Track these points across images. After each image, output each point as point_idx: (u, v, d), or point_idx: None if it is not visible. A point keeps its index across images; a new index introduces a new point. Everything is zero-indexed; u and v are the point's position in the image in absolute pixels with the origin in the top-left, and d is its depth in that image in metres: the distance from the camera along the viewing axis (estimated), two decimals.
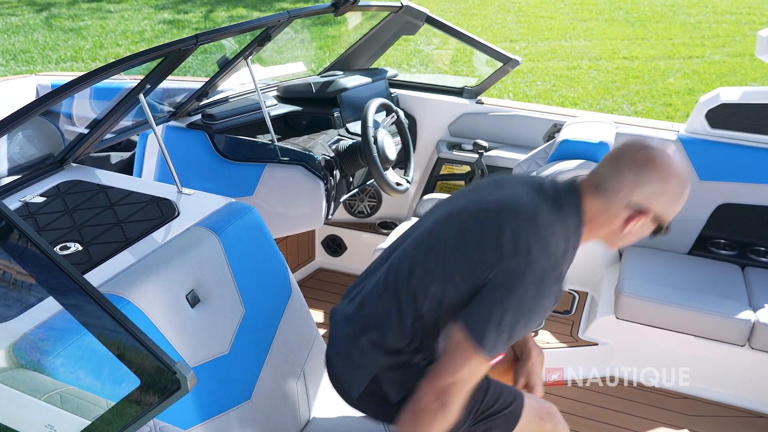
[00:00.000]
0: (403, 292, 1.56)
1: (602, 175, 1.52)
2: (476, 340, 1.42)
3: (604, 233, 1.58)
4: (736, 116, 2.85)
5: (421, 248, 1.58)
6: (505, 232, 1.46)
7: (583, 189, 1.55)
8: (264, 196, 2.58)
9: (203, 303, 1.70)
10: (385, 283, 1.60)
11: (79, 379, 1.22)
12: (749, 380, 2.61)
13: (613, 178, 1.50)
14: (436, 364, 1.47)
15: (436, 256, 1.54)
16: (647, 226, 1.55)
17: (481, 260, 1.47)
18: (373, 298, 1.62)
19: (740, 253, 2.97)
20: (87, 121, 2.88)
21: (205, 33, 1.96)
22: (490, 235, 1.48)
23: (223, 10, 12.12)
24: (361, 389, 1.62)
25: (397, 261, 1.61)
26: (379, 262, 1.70)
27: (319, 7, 2.55)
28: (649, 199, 1.49)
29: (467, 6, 12.77)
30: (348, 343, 1.62)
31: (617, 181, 1.49)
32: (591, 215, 1.54)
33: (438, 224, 1.59)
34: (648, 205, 1.50)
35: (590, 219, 1.55)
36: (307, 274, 3.49)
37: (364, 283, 1.69)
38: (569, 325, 2.96)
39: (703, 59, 9.14)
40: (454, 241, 1.53)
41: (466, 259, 1.49)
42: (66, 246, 1.69)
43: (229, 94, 2.98)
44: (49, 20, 11.24)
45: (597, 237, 1.59)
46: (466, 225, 1.54)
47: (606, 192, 1.51)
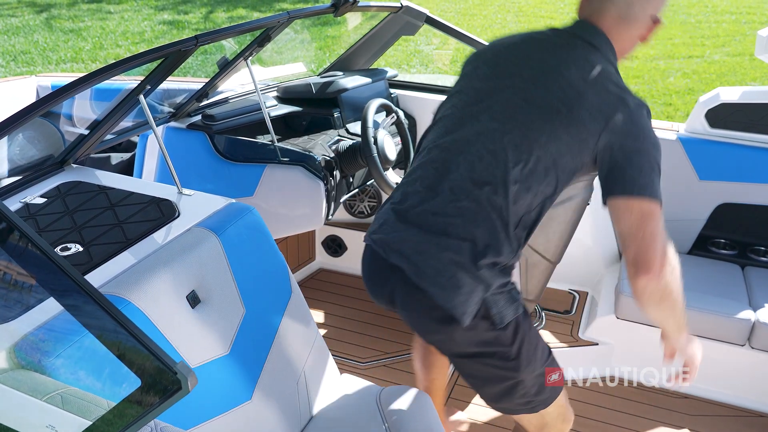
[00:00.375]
0: (501, 193, 1.57)
1: (626, 5, 1.61)
2: (651, 197, 1.47)
3: (626, 52, 1.71)
4: (735, 116, 2.85)
5: (516, 126, 1.59)
6: (607, 88, 1.56)
7: (606, 26, 1.64)
8: (264, 196, 2.58)
9: (204, 303, 1.70)
10: (476, 196, 1.58)
11: (80, 379, 1.22)
12: (750, 380, 2.61)
13: (640, 4, 1.61)
14: (634, 249, 1.48)
15: (541, 124, 1.57)
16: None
17: (592, 119, 1.54)
18: (467, 216, 1.58)
19: (740, 253, 2.97)
20: (87, 122, 2.88)
21: (204, 34, 1.96)
22: (591, 94, 1.55)
23: (223, 10, 12.13)
24: (472, 316, 1.59)
25: (480, 154, 1.60)
26: (438, 166, 1.66)
27: (318, 8, 2.55)
28: (660, 5, 1.64)
29: (467, 6, 12.77)
30: (453, 271, 1.57)
31: (644, 6, 1.61)
32: (621, 45, 1.67)
33: (524, 92, 1.62)
34: (660, 10, 1.65)
35: (620, 49, 1.68)
36: (308, 275, 3.49)
37: (433, 201, 1.63)
38: (569, 325, 2.96)
39: (703, 59, 9.14)
40: (557, 105, 1.56)
41: (578, 121, 1.54)
42: (67, 247, 1.70)
43: (229, 94, 2.98)
44: (49, 21, 11.25)
45: (621, 57, 1.71)
46: (560, 87, 1.58)
47: (634, 18, 1.62)
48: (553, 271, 2.49)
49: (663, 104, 7.26)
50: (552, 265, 2.46)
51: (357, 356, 2.85)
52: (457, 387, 2.68)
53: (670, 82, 8.04)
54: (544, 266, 2.44)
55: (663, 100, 7.38)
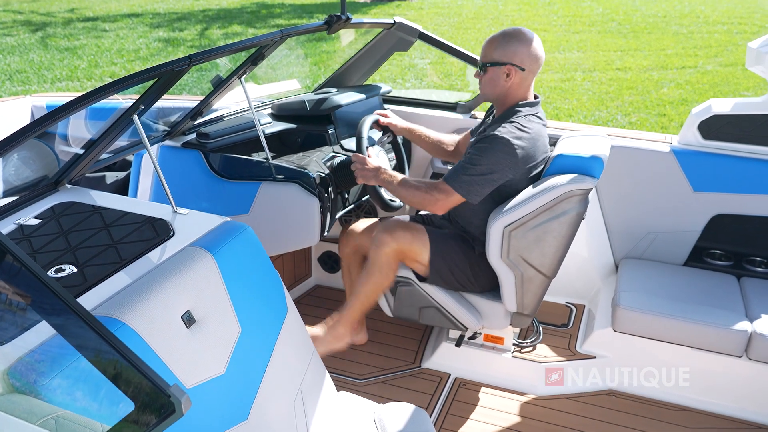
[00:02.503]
0: None
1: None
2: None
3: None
4: (728, 127, 2.87)
5: None
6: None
7: None
8: (259, 214, 2.58)
9: (199, 323, 1.70)
10: None
11: (73, 403, 1.21)
12: (747, 391, 2.60)
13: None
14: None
15: None
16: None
17: None
18: None
19: (736, 264, 2.97)
20: (81, 142, 2.88)
21: (198, 54, 1.97)
22: None
23: (218, 27, 12.19)
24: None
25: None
26: None
27: (312, 26, 2.56)
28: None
29: (461, 20, 12.86)
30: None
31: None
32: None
33: None
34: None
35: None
36: (304, 291, 3.49)
37: None
38: (567, 339, 2.96)
39: (695, 69, 9.20)
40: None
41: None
42: (61, 268, 1.69)
43: (223, 112, 2.99)
44: (44, 40, 11.29)
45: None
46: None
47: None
48: (549, 285, 2.50)
49: (657, 115, 7.29)
50: (548, 280, 2.46)
51: (355, 373, 2.84)
52: (455, 403, 2.68)
53: (664, 93, 8.09)
54: (540, 280, 2.45)
55: (657, 111, 7.41)
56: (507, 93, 2.46)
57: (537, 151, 2.42)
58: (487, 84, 2.47)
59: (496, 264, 2.44)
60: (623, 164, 3.01)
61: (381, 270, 2.54)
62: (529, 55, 2.40)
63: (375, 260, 2.53)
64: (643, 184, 3.02)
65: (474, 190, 2.37)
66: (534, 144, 2.40)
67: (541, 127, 2.47)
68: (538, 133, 2.43)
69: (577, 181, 2.27)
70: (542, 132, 2.47)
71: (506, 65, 2.41)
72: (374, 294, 2.60)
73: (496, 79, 2.44)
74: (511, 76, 2.42)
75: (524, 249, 2.38)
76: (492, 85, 2.46)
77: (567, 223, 2.34)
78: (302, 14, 13.60)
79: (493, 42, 2.43)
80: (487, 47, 2.45)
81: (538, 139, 2.42)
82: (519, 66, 2.40)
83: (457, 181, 2.37)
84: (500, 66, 2.41)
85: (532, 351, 2.88)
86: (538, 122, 2.46)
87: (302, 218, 2.55)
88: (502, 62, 2.41)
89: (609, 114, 7.35)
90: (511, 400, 2.69)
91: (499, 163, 2.33)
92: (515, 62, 2.40)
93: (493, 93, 2.48)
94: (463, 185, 2.36)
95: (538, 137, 2.42)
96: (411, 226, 2.56)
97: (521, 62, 2.40)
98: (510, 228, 2.35)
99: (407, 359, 2.93)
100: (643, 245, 3.10)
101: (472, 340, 2.85)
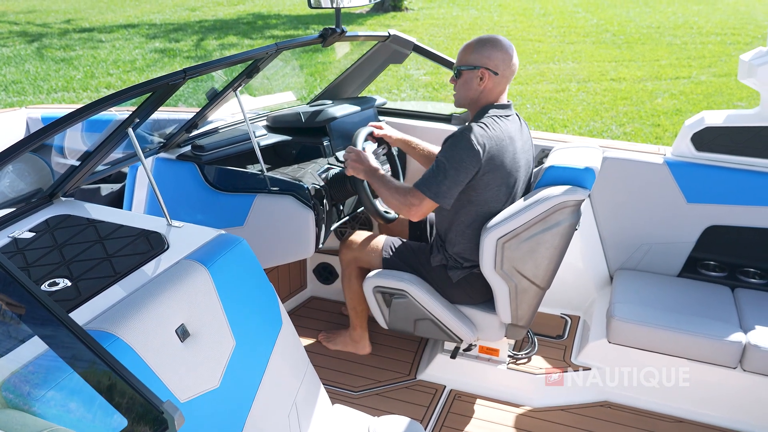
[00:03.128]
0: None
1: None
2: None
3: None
4: (721, 139, 2.88)
5: None
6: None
7: None
8: (254, 226, 2.59)
9: (193, 337, 1.70)
10: None
11: (65, 419, 1.21)
12: (742, 403, 2.61)
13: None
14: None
15: None
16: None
17: None
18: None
19: (730, 275, 2.98)
20: (76, 154, 2.88)
21: (193, 67, 1.98)
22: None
23: (214, 38, 12.22)
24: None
25: None
26: None
27: (307, 39, 2.57)
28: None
29: (456, 31, 12.91)
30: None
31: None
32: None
33: None
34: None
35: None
36: (299, 303, 3.48)
37: None
38: (562, 350, 2.96)
39: (689, 80, 9.26)
40: None
41: None
42: (55, 282, 1.69)
43: (218, 124, 3.00)
44: (40, 50, 11.31)
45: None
46: None
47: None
48: (544, 296, 2.50)
49: (651, 125, 7.33)
50: (542, 291, 2.46)
51: (350, 385, 2.83)
52: (450, 415, 2.67)
53: (658, 103, 8.13)
54: (534, 292, 2.45)
55: (651, 121, 7.45)
56: (479, 97, 2.47)
57: (504, 151, 2.38)
58: (461, 88, 2.49)
59: (489, 276, 2.45)
60: (617, 176, 3.02)
61: (343, 278, 2.87)
62: (503, 60, 2.42)
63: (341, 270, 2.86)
64: (637, 195, 3.03)
65: (442, 192, 2.36)
66: (498, 144, 2.37)
67: (513, 130, 2.46)
68: (505, 134, 2.41)
69: (569, 193, 2.28)
70: (512, 134, 2.45)
71: (480, 68, 2.42)
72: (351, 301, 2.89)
73: (470, 83, 2.45)
74: (485, 79, 2.43)
75: (518, 260, 2.39)
76: (465, 89, 2.47)
77: (560, 234, 2.34)
78: (298, 25, 13.64)
79: (469, 47, 2.45)
80: (462, 52, 2.47)
81: (504, 140, 2.39)
82: (492, 70, 2.42)
83: (426, 185, 2.37)
84: (474, 69, 2.43)
85: (527, 362, 2.88)
86: (508, 124, 2.45)
87: (297, 230, 2.56)
88: (475, 65, 2.42)
89: (603, 124, 7.38)
90: (507, 412, 2.69)
91: (462, 161, 2.33)
92: (489, 66, 2.41)
93: (466, 97, 2.49)
94: (432, 188, 2.36)
95: (504, 137, 2.40)
96: (368, 236, 2.80)
97: (495, 66, 2.41)
98: (503, 240, 2.36)
99: (402, 371, 2.93)
100: (638, 256, 3.11)
101: (468, 352, 2.85)
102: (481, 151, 2.33)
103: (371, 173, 2.51)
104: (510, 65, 2.44)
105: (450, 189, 2.36)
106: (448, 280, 2.59)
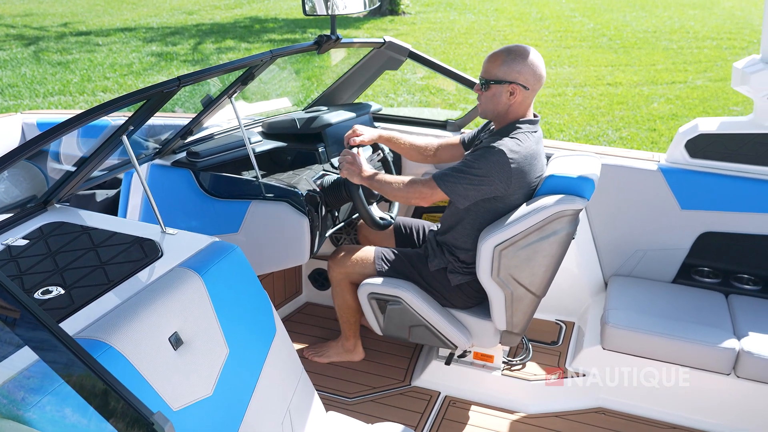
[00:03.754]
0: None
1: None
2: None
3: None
4: (714, 146, 2.90)
5: None
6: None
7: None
8: (249, 232, 2.59)
9: (186, 345, 1.70)
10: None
11: (57, 428, 1.21)
12: (736, 409, 2.61)
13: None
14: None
15: None
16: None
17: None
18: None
19: (723, 281, 2.99)
20: (71, 160, 2.88)
21: (187, 75, 1.98)
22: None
23: (211, 42, 12.23)
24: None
25: None
26: None
27: (302, 46, 2.58)
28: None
29: (453, 35, 12.93)
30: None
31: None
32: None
33: None
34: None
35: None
36: (294, 309, 3.48)
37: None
38: (556, 356, 2.96)
39: (685, 84, 9.28)
40: None
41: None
42: (48, 290, 1.69)
43: (214, 130, 3.00)
44: (37, 54, 11.30)
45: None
46: None
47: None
48: (539, 303, 2.51)
49: (647, 130, 7.35)
50: (537, 299, 2.47)
51: (345, 391, 2.83)
52: (445, 421, 2.68)
53: (654, 108, 8.15)
54: (530, 299, 2.45)
55: (647, 126, 7.47)
56: (508, 111, 2.43)
57: (532, 169, 2.40)
58: (489, 101, 2.43)
59: (486, 282, 2.45)
60: (612, 182, 3.03)
61: (335, 294, 2.86)
62: (533, 74, 2.38)
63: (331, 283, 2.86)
64: (632, 201, 3.04)
65: (458, 192, 2.37)
66: (529, 162, 2.38)
67: (538, 147, 2.46)
68: (535, 152, 2.42)
69: (567, 202, 2.28)
70: (539, 151, 2.46)
71: (511, 84, 2.37)
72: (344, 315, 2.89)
73: (499, 97, 2.40)
74: (515, 94, 2.38)
75: (514, 268, 2.39)
76: (494, 103, 2.42)
77: (557, 243, 2.35)
78: (295, 29, 13.65)
79: (498, 58, 2.38)
80: (491, 63, 2.40)
81: (534, 158, 2.40)
82: (523, 85, 2.37)
83: (445, 181, 2.37)
84: (504, 84, 2.37)
85: (521, 369, 2.88)
86: (536, 139, 2.45)
87: (292, 237, 2.56)
88: (506, 80, 2.37)
89: (600, 129, 7.40)
90: (501, 419, 2.69)
91: (491, 174, 2.32)
92: (520, 81, 2.36)
93: (494, 110, 2.45)
94: (449, 185, 2.37)
95: (535, 155, 2.41)
96: (357, 249, 2.78)
97: (525, 81, 2.37)
98: (500, 247, 2.36)
99: (397, 377, 2.93)
100: (632, 262, 3.12)
101: (462, 359, 2.85)
102: (512, 170, 2.33)
103: (368, 177, 2.51)
104: (541, 79, 2.40)
105: (468, 192, 2.37)
106: (447, 283, 2.59)
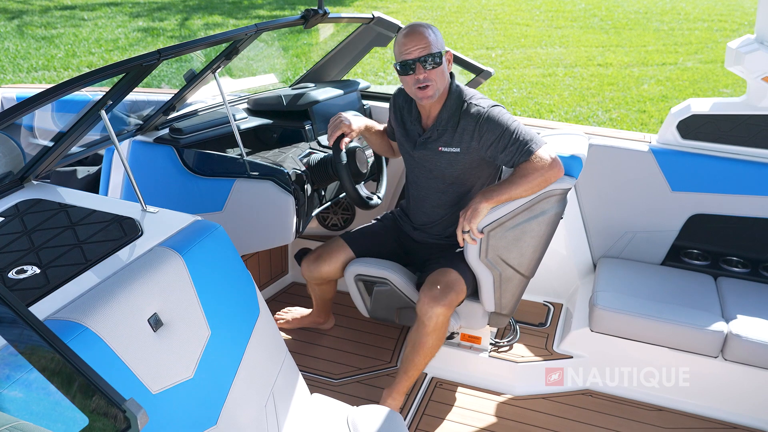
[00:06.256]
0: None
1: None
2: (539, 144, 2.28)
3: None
4: (706, 127, 2.86)
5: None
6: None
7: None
8: (233, 211, 2.53)
9: (166, 326, 1.65)
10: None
11: (29, 414, 1.17)
12: (723, 392, 2.60)
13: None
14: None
15: None
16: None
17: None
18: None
19: (713, 263, 2.97)
20: (48, 135, 2.81)
21: (168, 48, 1.91)
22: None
23: (199, 17, 12.04)
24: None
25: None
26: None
27: (288, 20, 2.51)
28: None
29: (443, 14, 12.81)
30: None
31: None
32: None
33: None
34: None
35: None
36: (280, 289, 3.44)
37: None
38: (544, 338, 2.94)
39: (676, 66, 9.25)
40: None
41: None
42: (23, 269, 1.64)
43: (198, 107, 2.93)
44: (20, 28, 11.08)
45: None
46: None
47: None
48: (527, 284, 2.48)
49: (637, 111, 7.31)
50: (526, 279, 2.44)
51: (330, 372, 2.80)
52: (431, 403, 2.66)
53: (644, 89, 8.11)
54: (518, 280, 2.42)
55: (637, 107, 7.43)
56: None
57: None
58: (441, 77, 2.33)
59: (474, 264, 2.42)
60: (602, 163, 2.99)
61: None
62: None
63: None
64: (622, 183, 3.01)
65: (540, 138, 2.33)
66: None
67: None
68: None
69: (555, 181, 2.24)
70: None
71: (447, 51, 2.40)
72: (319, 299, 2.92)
73: (446, 69, 2.37)
74: (450, 61, 2.42)
75: (503, 249, 2.36)
76: (444, 76, 2.35)
77: (545, 223, 2.31)
78: (284, 5, 13.46)
79: (430, 32, 2.32)
80: (432, 37, 2.30)
81: None
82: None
83: (537, 141, 2.28)
84: (444, 53, 2.36)
85: (509, 350, 2.86)
86: None
87: (277, 216, 2.51)
88: (445, 49, 2.38)
89: (590, 110, 7.36)
90: (488, 400, 2.67)
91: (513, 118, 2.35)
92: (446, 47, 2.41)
93: (443, 84, 2.36)
94: (539, 140, 2.29)
95: None
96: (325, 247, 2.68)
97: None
98: (488, 228, 2.32)
99: (383, 359, 2.90)
100: (621, 244, 3.09)
101: (449, 340, 2.83)
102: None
103: (496, 198, 2.29)
104: None
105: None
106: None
